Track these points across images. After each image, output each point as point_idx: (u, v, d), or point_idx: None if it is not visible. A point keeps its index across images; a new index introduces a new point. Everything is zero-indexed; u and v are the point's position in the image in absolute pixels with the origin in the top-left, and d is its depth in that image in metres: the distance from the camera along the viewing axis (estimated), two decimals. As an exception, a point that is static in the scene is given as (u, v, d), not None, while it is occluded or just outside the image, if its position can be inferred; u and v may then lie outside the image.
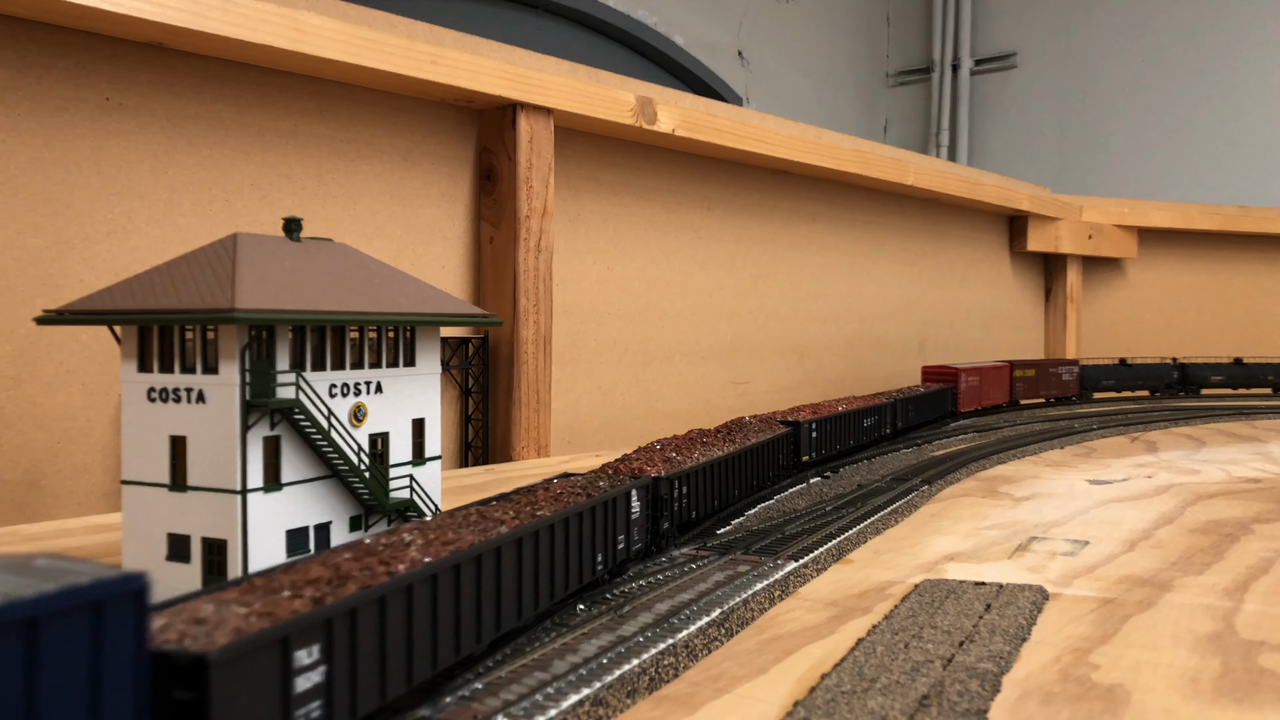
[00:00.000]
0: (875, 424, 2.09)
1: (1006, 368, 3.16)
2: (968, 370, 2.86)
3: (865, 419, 2.02)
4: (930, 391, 2.56)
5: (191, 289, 0.87)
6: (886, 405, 2.18)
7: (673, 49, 4.55)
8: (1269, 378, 3.54)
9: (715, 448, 1.37)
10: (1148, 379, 3.51)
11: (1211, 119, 5.40)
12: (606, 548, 0.98)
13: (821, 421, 1.79)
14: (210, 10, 1.56)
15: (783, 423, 1.70)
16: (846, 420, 1.91)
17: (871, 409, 2.07)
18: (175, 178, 1.68)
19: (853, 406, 1.98)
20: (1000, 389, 3.10)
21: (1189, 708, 0.76)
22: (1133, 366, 3.49)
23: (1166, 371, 3.50)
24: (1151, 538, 1.37)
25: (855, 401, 2.08)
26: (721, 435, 1.49)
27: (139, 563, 0.92)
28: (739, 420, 1.65)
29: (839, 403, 2.03)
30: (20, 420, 1.50)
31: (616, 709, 0.74)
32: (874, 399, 2.16)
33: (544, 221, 2.16)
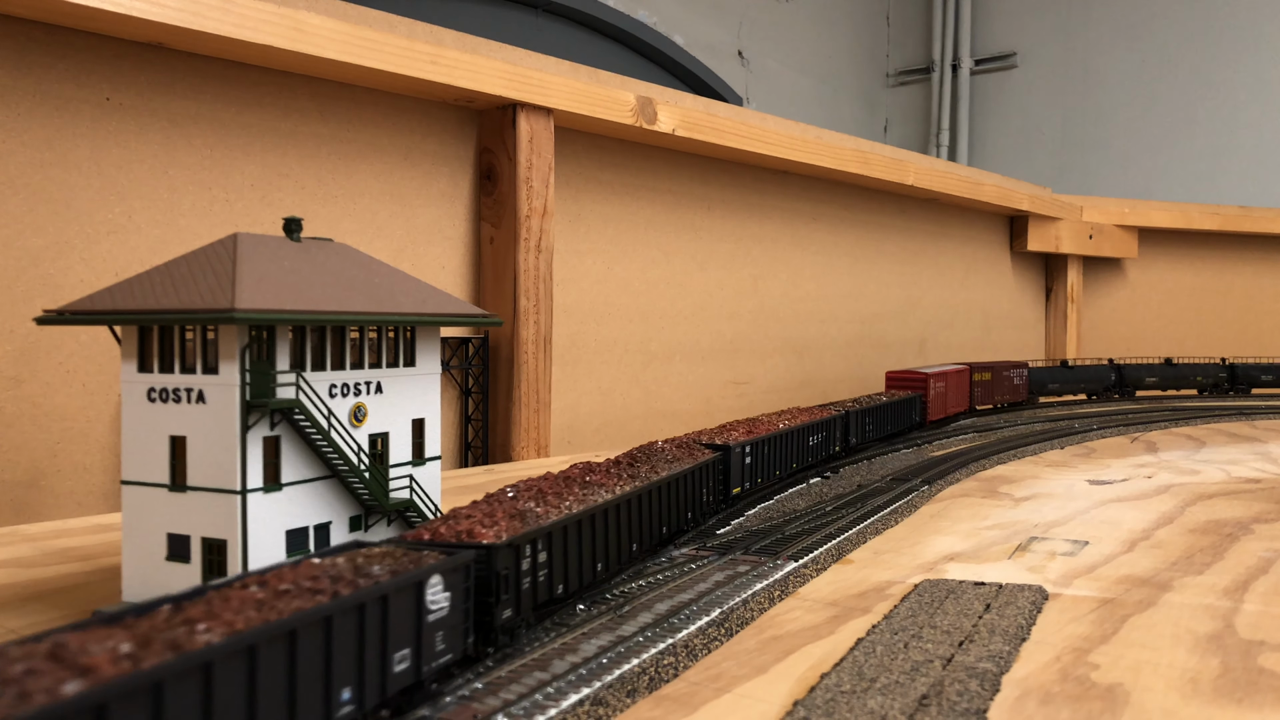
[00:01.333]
0: (823, 441, 1.81)
1: (966, 371, 2.91)
2: (936, 375, 2.60)
3: (811, 436, 1.74)
4: (893, 401, 2.26)
5: (191, 289, 0.87)
6: (837, 419, 1.89)
7: (673, 49, 4.55)
8: (1197, 378, 3.50)
9: (603, 488, 1.05)
10: (1088, 381, 3.40)
11: (1211, 119, 5.40)
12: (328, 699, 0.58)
13: (758, 444, 1.50)
14: (210, 10, 1.56)
15: (708, 446, 1.39)
16: (788, 440, 1.63)
17: (819, 424, 1.78)
18: (175, 178, 1.68)
19: (796, 422, 1.69)
20: (961, 395, 2.85)
21: (1189, 708, 0.76)
22: (1073, 369, 3.36)
23: (1104, 374, 3.41)
24: (1151, 538, 1.37)
25: (800, 415, 1.78)
26: (619, 469, 1.16)
27: (139, 563, 0.92)
28: (649, 446, 1.31)
29: (781, 417, 1.75)
30: (20, 420, 1.50)
31: (616, 709, 0.74)
32: (823, 411, 1.87)
33: (544, 221, 2.16)
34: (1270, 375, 3.55)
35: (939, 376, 2.61)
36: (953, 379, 2.74)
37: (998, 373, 3.08)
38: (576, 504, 0.97)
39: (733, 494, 1.42)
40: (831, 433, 1.86)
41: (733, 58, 5.03)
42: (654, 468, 1.20)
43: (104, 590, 1.05)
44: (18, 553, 1.24)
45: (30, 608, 0.99)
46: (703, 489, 1.30)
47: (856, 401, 2.16)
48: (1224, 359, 3.64)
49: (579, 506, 0.97)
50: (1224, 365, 3.52)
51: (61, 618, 0.96)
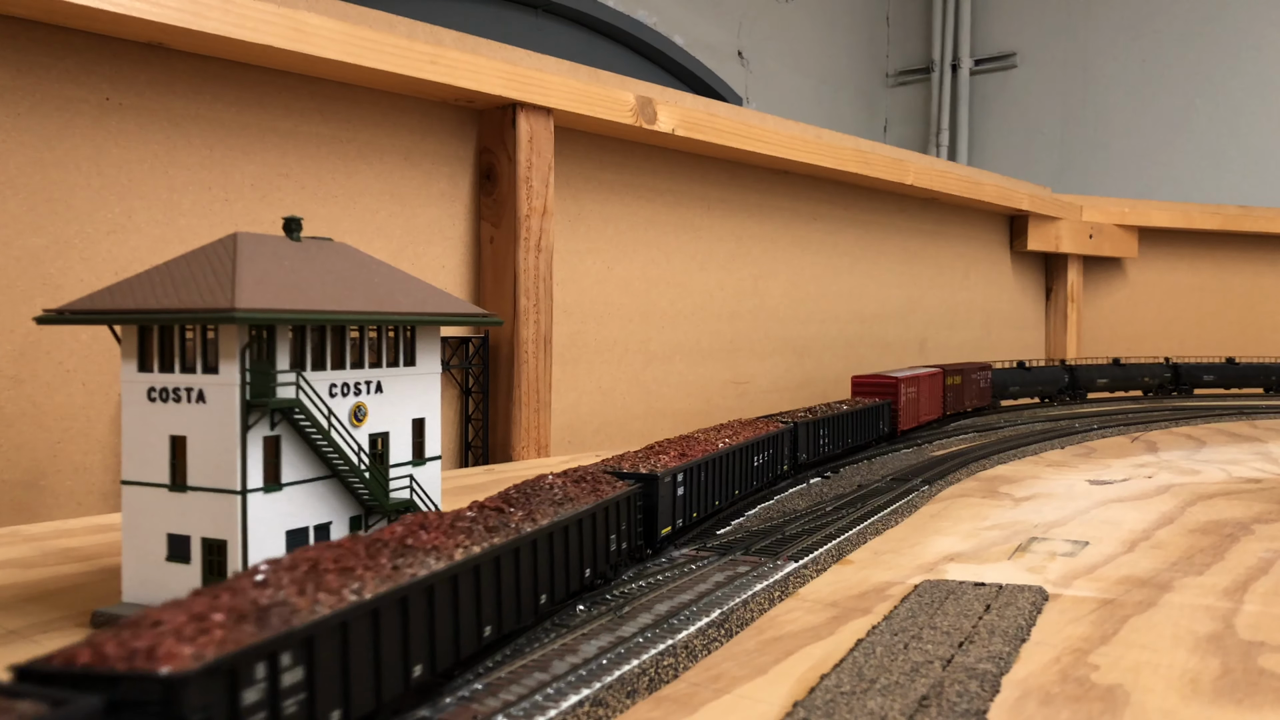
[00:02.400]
0: (770, 460, 1.57)
1: (939, 375, 2.65)
2: (907, 379, 2.33)
3: (756, 455, 1.50)
4: (855, 410, 2.00)
5: (191, 289, 0.87)
6: (784, 434, 1.63)
7: (673, 49, 4.55)
8: (1144, 379, 3.47)
9: (434, 554, 0.73)
10: (1043, 384, 3.30)
11: (1211, 119, 5.40)
12: None
13: (694, 469, 1.24)
14: (210, 10, 1.56)
15: (627, 476, 1.11)
16: (729, 462, 1.38)
17: (764, 441, 1.53)
18: (175, 178, 1.68)
19: (739, 439, 1.45)
20: (934, 400, 2.61)
21: (1189, 708, 0.76)
22: (1030, 370, 3.26)
23: (1059, 375, 3.32)
24: (1151, 538, 1.37)
25: (742, 430, 1.53)
26: (477, 521, 0.83)
27: (139, 563, 0.92)
28: (536, 482, 1.00)
29: (720, 433, 1.48)
30: (20, 420, 1.50)
31: (616, 709, 0.74)
32: (770, 425, 1.62)
33: (544, 221, 2.16)
34: (1212, 375, 3.54)
35: (910, 381, 2.36)
36: (925, 384, 2.50)
37: (966, 376, 2.87)
38: (375, 584, 0.64)
39: (661, 536, 1.13)
40: (779, 449, 1.61)
41: (733, 58, 5.03)
42: (532, 513, 0.88)
43: (104, 590, 1.05)
44: (18, 553, 1.24)
45: (30, 608, 0.99)
46: (611, 535, 1.00)
47: (811, 411, 1.86)
48: (1168, 359, 3.63)
49: (377, 588, 0.64)
50: (1168, 365, 3.51)
51: (61, 618, 0.96)
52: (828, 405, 2.02)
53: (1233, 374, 3.58)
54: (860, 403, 2.10)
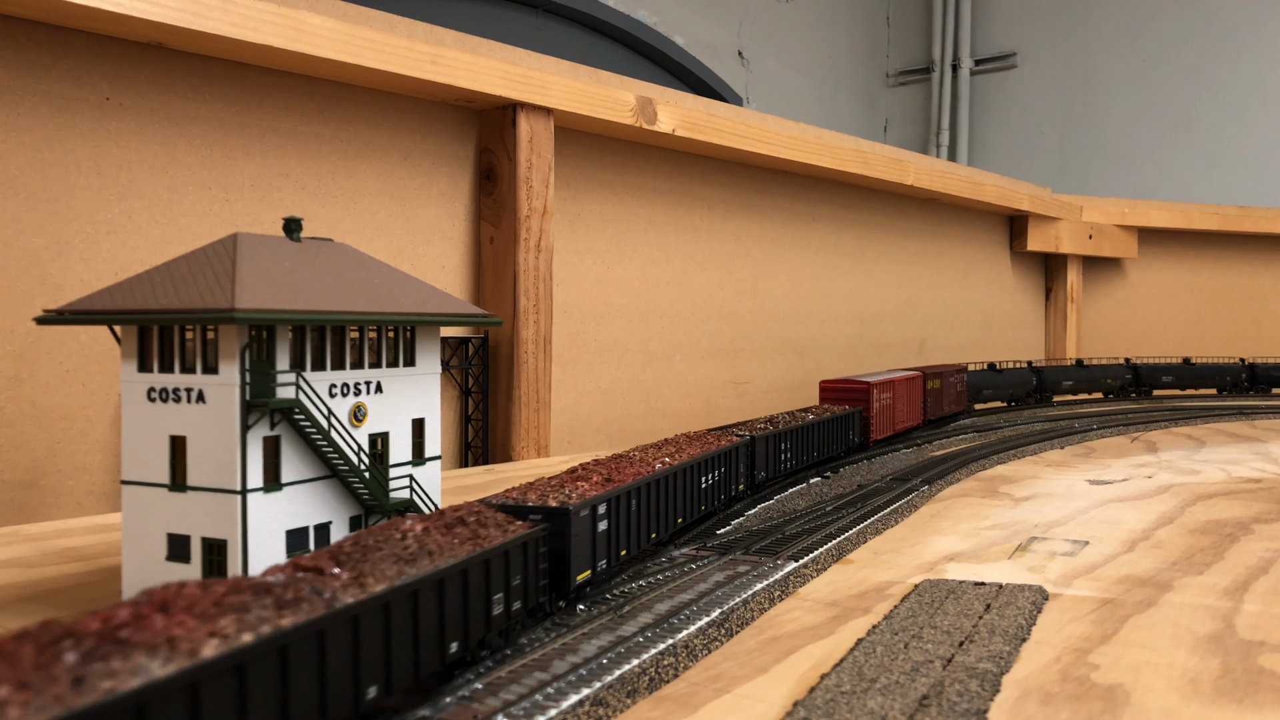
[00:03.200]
0: (722, 480, 1.37)
1: (919, 379, 2.47)
2: (880, 384, 2.14)
3: (704, 475, 1.30)
4: (821, 419, 1.81)
5: (191, 289, 0.87)
6: (739, 448, 1.44)
7: (673, 49, 4.55)
8: (1107, 380, 3.45)
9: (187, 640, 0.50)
10: (1013, 387, 3.22)
11: (1211, 119, 5.40)
12: None
13: (618, 498, 1.02)
14: (210, 10, 1.56)
15: (528, 513, 0.90)
16: (667, 487, 1.16)
17: (714, 458, 1.33)
18: (175, 178, 1.68)
19: (683, 457, 1.25)
20: (913, 406, 2.43)
21: (1189, 708, 0.76)
22: (1002, 372, 3.18)
23: (1027, 377, 3.26)
24: (1151, 538, 1.37)
25: (689, 446, 1.33)
26: (294, 584, 0.62)
27: (139, 563, 0.92)
28: (390, 527, 0.78)
29: (663, 450, 1.28)
30: (20, 420, 1.50)
31: (616, 709, 0.74)
32: (722, 439, 1.43)
33: (544, 221, 2.16)
34: (1170, 376, 3.54)
35: (884, 386, 2.17)
36: (902, 388, 2.32)
37: (945, 379, 2.70)
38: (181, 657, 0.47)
39: (577, 583, 0.92)
40: (733, 467, 1.42)
41: (733, 58, 5.03)
42: (362, 577, 0.66)
43: (104, 590, 1.05)
44: (18, 553, 1.24)
45: (30, 608, 0.99)
46: (497, 594, 0.79)
47: (772, 422, 1.69)
48: (1128, 359, 3.63)
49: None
50: (1129, 366, 3.50)
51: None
52: (791, 414, 1.83)
53: (1189, 375, 3.59)
54: (828, 411, 1.91)
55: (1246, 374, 3.74)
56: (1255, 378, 3.74)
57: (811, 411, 1.88)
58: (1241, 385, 3.72)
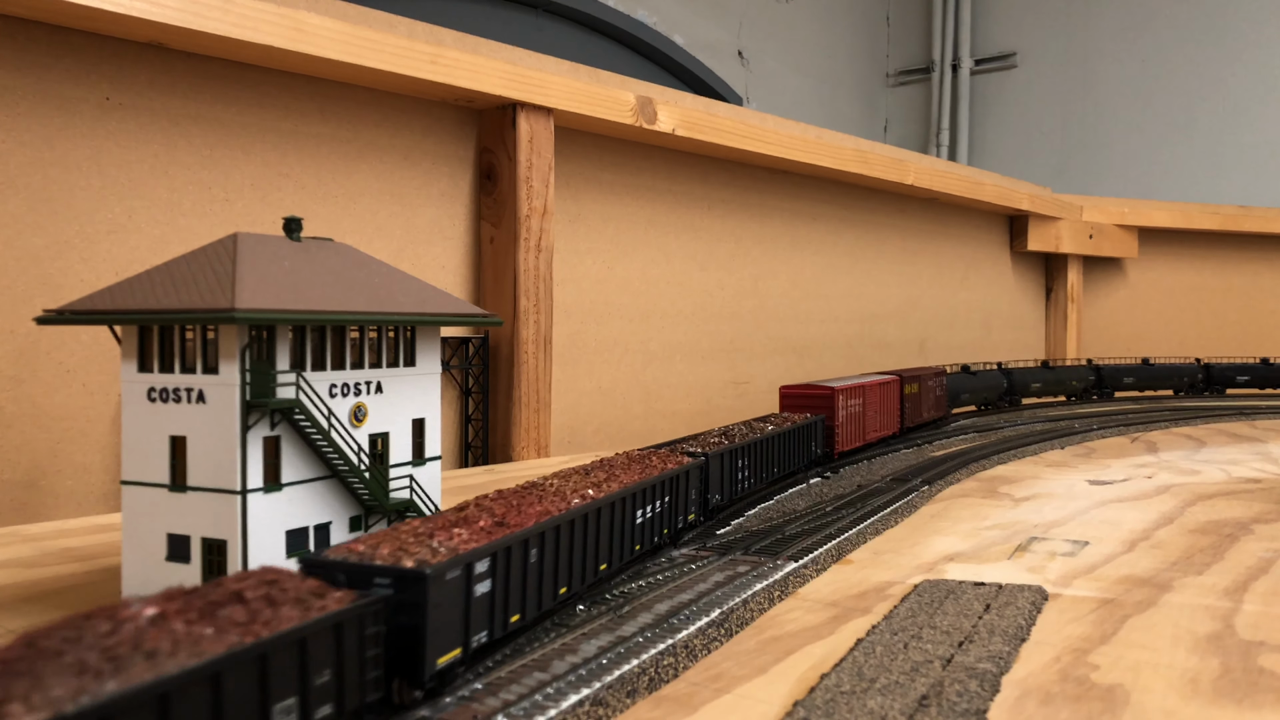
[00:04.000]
0: (666, 511, 1.13)
1: (896, 383, 2.28)
2: (847, 390, 1.95)
3: (641, 507, 1.06)
4: (783, 430, 1.62)
5: (191, 289, 0.87)
6: (690, 471, 1.20)
7: (673, 49, 4.55)
8: (1072, 382, 3.42)
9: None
10: (987, 390, 3.09)
11: (1211, 119, 5.40)
12: None
13: (508, 551, 0.79)
14: (210, 10, 1.56)
15: (380, 575, 0.68)
16: (581, 530, 0.92)
17: (656, 486, 1.08)
18: (175, 177, 1.68)
19: (612, 488, 1.00)
20: (888, 413, 2.23)
21: (1189, 708, 0.76)
22: (976, 375, 3.06)
23: (998, 380, 3.13)
24: (1151, 538, 1.37)
25: (623, 472, 1.09)
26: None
27: (139, 563, 0.92)
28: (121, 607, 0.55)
29: (589, 478, 1.04)
30: (20, 420, 1.50)
31: (616, 709, 0.74)
32: (670, 459, 1.20)
33: (544, 221, 2.16)
34: (1131, 377, 3.54)
35: (852, 392, 1.98)
36: (874, 394, 2.12)
37: (924, 383, 2.51)
38: None
39: (439, 668, 0.69)
40: (680, 494, 1.17)
41: (733, 58, 5.03)
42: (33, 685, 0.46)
43: (104, 590, 1.05)
44: (18, 553, 1.24)
45: (30, 608, 0.99)
46: (281, 702, 0.56)
47: (727, 435, 1.50)
48: (1090, 360, 3.62)
49: None
50: (1093, 368, 3.49)
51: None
52: (748, 425, 1.63)
53: (1147, 376, 3.59)
54: (789, 420, 1.72)
55: (1202, 374, 3.74)
56: (1211, 378, 3.75)
57: (771, 421, 1.70)
58: (1198, 386, 3.73)
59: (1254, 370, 3.77)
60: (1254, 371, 3.76)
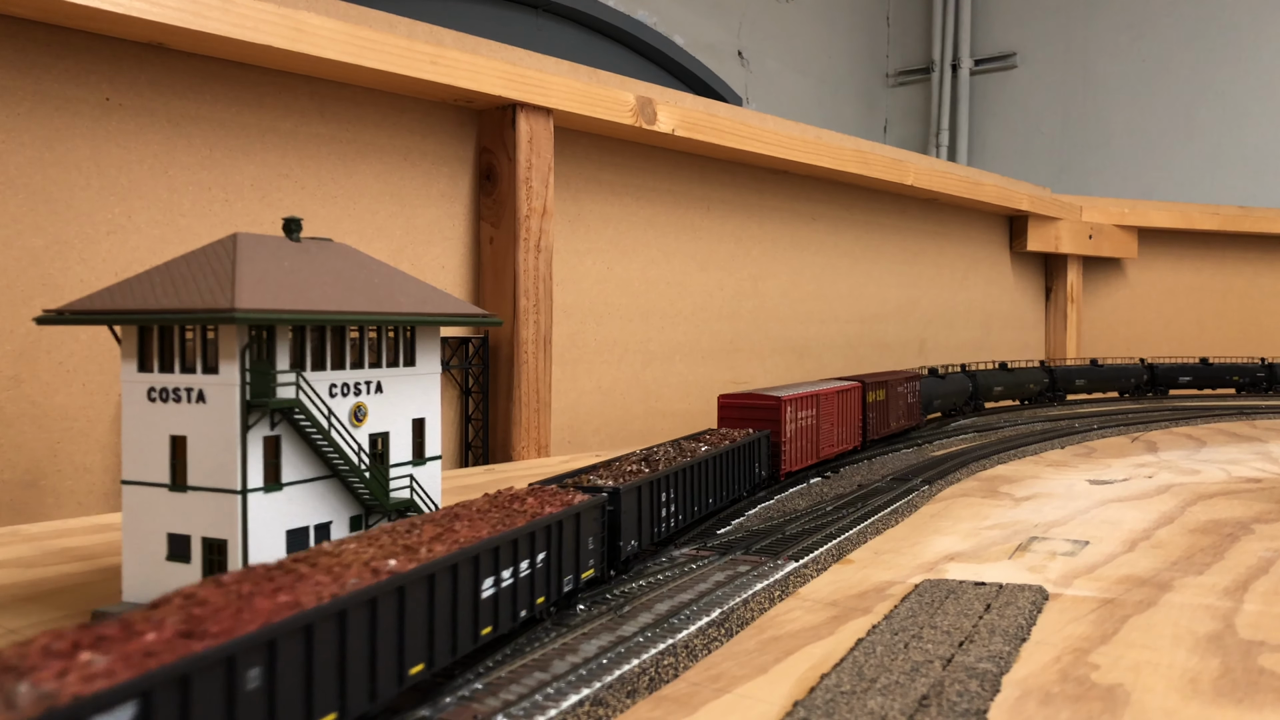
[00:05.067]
0: (541, 575, 0.85)
1: (857, 390, 2.02)
2: (797, 399, 1.69)
3: (491, 575, 0.77)
4: (719, 452, 1.34)
5: (191, 289, 0.87)
6: (569, 519, 0.90)
7: (673, 49, 4.55)
8: (1030, 386, 3.40)
9: None
10: (955, 395, 2.86)
11: (1211, 119, 5.40)
12: None
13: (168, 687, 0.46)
14: (210, 10, 1.56)
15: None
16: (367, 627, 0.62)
17: (516, 541, 0.81)
18: (175, 178, 1.68)
19: (462, 542, 0.75)
20: (848, 426, 1.96)
21: (1189, 708, 0.76)
22: (945, 378, 2.82)
23: (964, 383, 2.95)
24: (1151, 538, 1.37)
25: (481, 520, 0.83)
26: None
27: (139, 563, 0.92)
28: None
29: (408, 537, 0.76)
30: (20, 420, 1.50)
31: (616, 709, 0.74)
32: (560, 498, 0.94)
33: (544, 221, 2.16)
34: (1083, 380, 3.54)
35: (803, 401, 1.71)
36: (830, 403, 1.85)
37: (892, 389, 2.24)
38: None
39: None
40: (564, 548, 0.89)
41: (733, 58, 5.03)
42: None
43: (104, 590, 1.05)
44: (18, 553, 1.24)
45: (30, 608, 0.99)
46: None
47: (648, 461, 1.22)
48: (1043, 361, 3.61)
49: None
50: (1046, 370, 3.49)
51: (62, 618, 0.96)
52: (677, 445, 1.38)
53: (1097, 377, 3.60)
54: (728, 437, 1.47)
55: (1147, 374, 3.76)
56: (1155, 379, 3.76)
57: (705, 439, 1.45)
58: (1143, 387, 3.74)
59: (1195, 370, 3.79)
60: (1195, 372, 3.79)
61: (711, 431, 1.54)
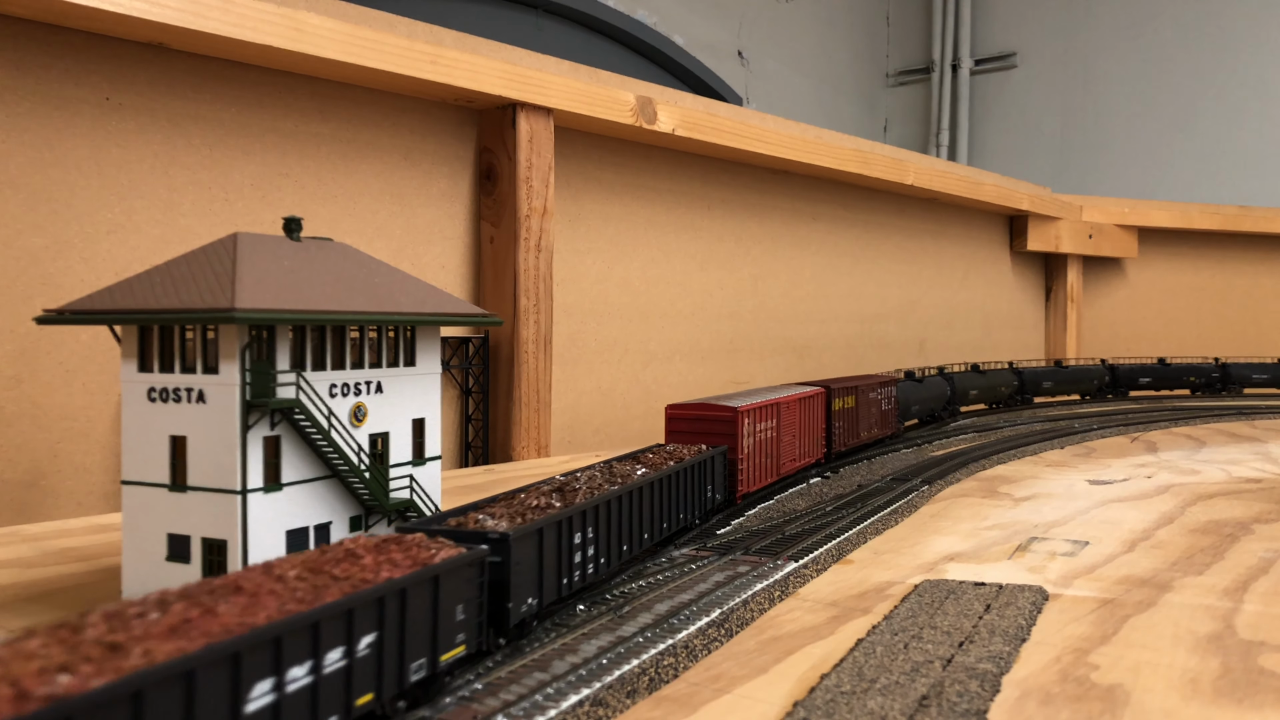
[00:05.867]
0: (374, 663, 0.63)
1: (820, 396, 1.81)
2: (756, 409, 1.48)
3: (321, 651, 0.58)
4: (664, 474, 1.14)
5: (191, 289, 0.87)
6: (417, 585, 0.67)
7: (673, 49, 4.55)
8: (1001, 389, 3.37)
9: None
10: (933, 401, 2.68)
11: (1211, 119, 5.40)
12: None
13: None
14: (210, 10, 1.56)
15: None
16: None
17: (368, 604, 0.62)
18: (175, 178, 1.68)
19: (263, 616, 0.57)
20: (810, 437, 1.75)
21: (1189, 708, 0.76)
22: (923, 382, 2.62)
23: (941, 387, 2.75)
24: (1151, 538, 1.37)
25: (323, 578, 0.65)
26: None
27: (139, 563, 0.92)
28: None
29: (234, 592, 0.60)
30: (20, 420, 1.50)
31: (616, 709, 0.74)
32: (421, 554, 0.73)
33: (544, 221, 2.16)
34: (1050, 382, 3.54)
35: (763, 411, 1.50)
36: (791, 413, 1.63)
37: (863, 394, 2.03)
38: None
39: None
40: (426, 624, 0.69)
41: (733, 58, 5.03)
42: None
43: (104, 590, 1.05)
44: (18, 553, 1.24)
45: (30, 608, 0.99)
46: None
47: (564, 490, 1.01)
48: (1011, 363, 3.60)
49: None
50: (1015, 372, 3.48)
51: (62, 618, 0.96)
52: (609, 467, 1.15)
53: (1065, 379, 3.60)
54: (675, 454, 1.28)
55: (1108, 375, 3.76)
56: (1116, 380, 3.77)
57: (645, 459, 1.23)
58: (1105, 389, 3.75)
59: (1153, 371, 3.80)
60: (1153, 373, 3.80)
61: (657, 448, 1.33)
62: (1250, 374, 3.86)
